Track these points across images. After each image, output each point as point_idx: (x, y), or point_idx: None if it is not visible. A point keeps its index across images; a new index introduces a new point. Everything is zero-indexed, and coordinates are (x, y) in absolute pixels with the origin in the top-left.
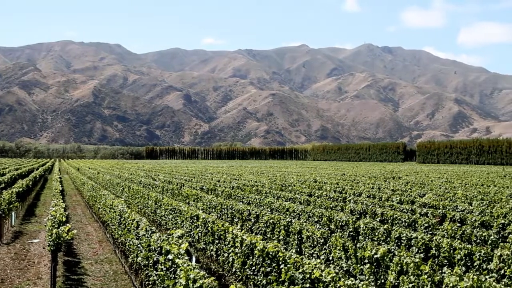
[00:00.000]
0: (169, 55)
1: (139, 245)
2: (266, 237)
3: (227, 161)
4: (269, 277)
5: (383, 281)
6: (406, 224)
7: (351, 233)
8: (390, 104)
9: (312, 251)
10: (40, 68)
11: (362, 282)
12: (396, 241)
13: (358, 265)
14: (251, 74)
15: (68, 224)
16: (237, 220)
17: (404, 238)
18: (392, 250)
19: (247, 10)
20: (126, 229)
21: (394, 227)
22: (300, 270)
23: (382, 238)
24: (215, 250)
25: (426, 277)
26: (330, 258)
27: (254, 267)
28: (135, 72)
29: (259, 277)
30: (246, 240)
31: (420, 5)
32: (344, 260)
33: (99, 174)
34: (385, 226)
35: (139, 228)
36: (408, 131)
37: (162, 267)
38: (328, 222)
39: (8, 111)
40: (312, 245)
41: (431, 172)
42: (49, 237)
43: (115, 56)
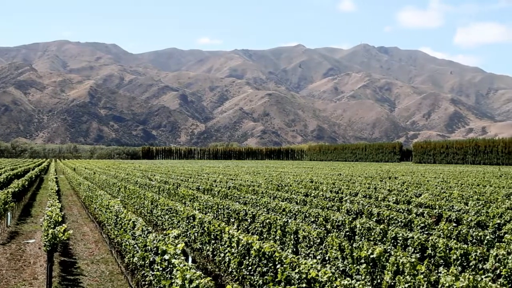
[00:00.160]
0: (165, 55)
1: (135, 245)
2: (262, 237)
3: (224, 161)
4: (266, 277)
5: (379, 281)
6: (402, 224)
7: (348, 233)
8: (386, 104)
9: (309, 251)
10: (36, 68)
11: (358, 282)
12: (392, 241)
13: (355, 265)
14: (247, 74)
15: (64, 224)
16: (233, 220)
17: (400, 238)
18: (388, 250)
19: (243, 10)
20: (122, 229)
21: (390, 227)
22: (297, 270)
23: (378, 238)
24: (211, 250)
25: (422, 277)
26: (327, 258)
27: (250, 267)
28: (132, 72)
29: (255, 277)
30: (242, 240)
31: (417, 5)
32: (340, 260)
33: (95, 174)
34: (381, 226)
35: (135, 228)
36: (404, 131)
37: (159, 267)
38: (324, 222)
39: (4, 111)
40: (309, 245)
41: (427, 172)
42: (45, 237)
43: (112, 56)
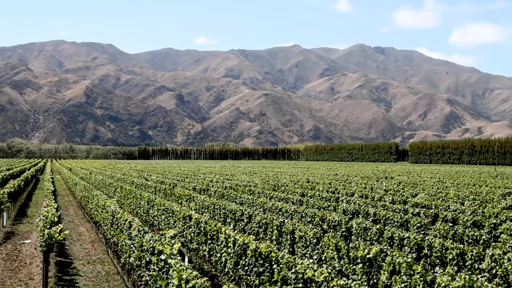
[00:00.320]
0: (161, 55)
1: (132, 246)
2: (258, 237)
3: (220, 161)
4: (262, 277)
5: (375, 281)
6: (399, 224)
7: (344, 233)
8: (382, 104)
9: (305, 251)
10: (32, 68)
11: (355, 282)
12: (389, 241)
13: (351, 265)
14: (243, 74)
15: (60, 225)
16: (229, 220)
17: (397, 238)
18: (385, 250)
19: (239, 10)
20: (118, 229)
21: (386, 227)
22: (293, 270)
23: (375, 238)
24: (207, 250)
25: (418, 276)
26: (323, 258)
27: (246, 267)
28: (128, 72)
29: (251, 277)
30: (238, 240)
31: (413, 5)
32: (336, 260)
33: (91, 174)
34: (378, 226)
35: (132, 229)
36: (401, 131)
37: (155, 267)
38: (320, 222)
39: (0, 111)
40: (305, 245)
41: (424, 172)
42: (41, 237)
43: (108, 56)
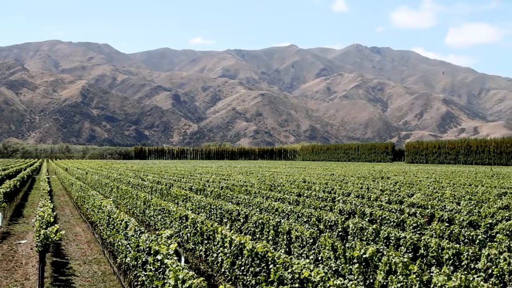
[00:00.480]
0: (158, 55)
1: (128, 246)
2: (255, 237)
3: (216, 161)
4: (258, 277)
5: (372, 280)
6: (395, 224)
7: (340, 233)
8: (379, 104)
9: (301, 251)
10: (28, 68)
11: (351, 282)
12: (385, 241)
13: (347, 265)
14: (240, 74)
15: (56, 225)
16: (226, 220)
17: (393, 238)
18: (381, 250)
19: (236, 10)
20: (114, 229)
21: (382, 227)
22: (289, 270)
23: (371, 238)
24: (204, 250)
25: (414, 276)
26: (319, 258)
27: (243, 267)
28: (124, 72)
29: (248, 277)
30: (235, 240)
31: (409, 6)
32: (333, 260)
33: (87, 174)
34: (374, 226)
35: (128, 229)
36: (397, 131)
37: (151, 267)
38: (317, 222)
39: None
40: (301, 245)
41: (420, 172)
42: (37, 237)
43: (104, 56)
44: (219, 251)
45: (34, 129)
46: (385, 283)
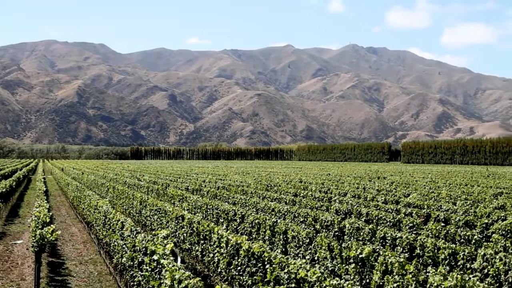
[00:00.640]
0: (154, 55)
1: (124, 246)
2: (251, 237)
3: (213, 161)
4: (255, 277)
5: (368, 280)
6: (391, 224)
7: (337, 233)
8: (375, 104)
9: (298, 251)
10: (24, 68)
11: (347, 282)
12: (381, 241)
13: (343, 265)
14: (236, 74)
15: (52, 225)
16: (222, 220)
17: (389, 238)
18: (377, 250)
19: (232, 10)
20: (111, 229)
21: (379, 227)
22: (286, 270)
23: (367, 238)
24: (200, 250)
25: (410, 276)
26: (316, 258)
27: (239, 268)
28: (120, 72)
29: (244, 277)
30: (231, 240)
31: (404, 6)
32: (329, 260)
33: (83, 174)
34: (370, 226)
35: (124, 229)
36: (393, 131)
37: (147, 267)
38: (313, 222)
39: None
40: (298, 245)
41: (416, 172)
42: (33, 238)
43: (100, 56)
44: (216, 251)
45: (30, 129)
46: (381, 283)
